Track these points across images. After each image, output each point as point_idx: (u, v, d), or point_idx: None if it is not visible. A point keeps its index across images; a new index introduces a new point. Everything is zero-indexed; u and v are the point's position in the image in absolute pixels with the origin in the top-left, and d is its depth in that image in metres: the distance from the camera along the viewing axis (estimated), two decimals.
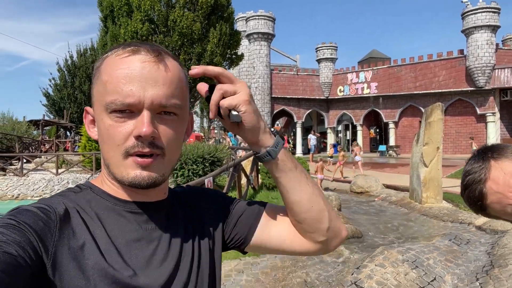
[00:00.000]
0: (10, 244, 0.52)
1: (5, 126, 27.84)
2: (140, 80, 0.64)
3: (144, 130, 0.63)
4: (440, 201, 8.41)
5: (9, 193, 14.76)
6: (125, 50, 0.66)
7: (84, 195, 0.70)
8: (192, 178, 9.48)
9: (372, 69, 29.02)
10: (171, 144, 0.68)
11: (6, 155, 18.52)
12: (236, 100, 0.69)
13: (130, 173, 0.66)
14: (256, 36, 28.29)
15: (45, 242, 0.58)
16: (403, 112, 28.41)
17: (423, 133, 8.54)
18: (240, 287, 4.29)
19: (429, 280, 4.22)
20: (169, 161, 0.69)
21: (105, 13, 16.94)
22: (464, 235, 5.84)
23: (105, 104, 0.65)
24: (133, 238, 0.68)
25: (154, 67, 0.65)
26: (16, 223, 0.57)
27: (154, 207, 0.74)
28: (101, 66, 0.68)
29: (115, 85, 0.64)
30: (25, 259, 0.53)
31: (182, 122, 0.71)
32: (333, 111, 32.34)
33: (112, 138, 0.65)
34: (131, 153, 0.65)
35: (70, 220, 0.64)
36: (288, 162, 0.77)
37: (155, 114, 0.66)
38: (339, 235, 0.84)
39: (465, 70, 24.43)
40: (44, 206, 0.62)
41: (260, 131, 0.73)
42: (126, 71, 0.64)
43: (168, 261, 0.70)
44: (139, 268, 0.66)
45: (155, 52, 0.67)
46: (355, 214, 8.38)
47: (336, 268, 4.78)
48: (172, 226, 0.75)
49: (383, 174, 14.73)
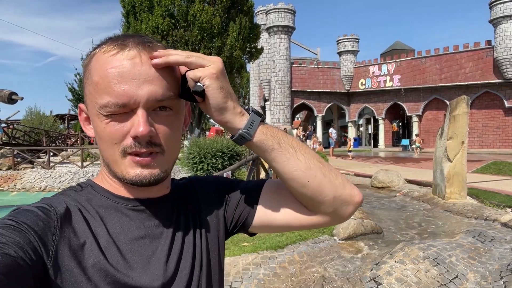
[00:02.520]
0: (9, 245, 0.52)
1: (32, 120, 28.77)
2: (132, 78, 0.62)
3: (141, 130, 0.61)
4: (464, 197, 8.18)
5: (36, 185, 15.31)
6: (112, 46, 0.64)
7: (85, 193, 0.70)
8: (212, 172, 9.57)
9: (395, 61, 28.37)
10: (169, 140, 0.67)
11: (34, 148, 19.18)
12: (202, 72, 0.64)
13: (130, 172, 0.65)
14: (276, 29, 28.10)
15: (45, 242, 0.57)
16: (427, 105, 27.71)
17: (447, 127, 8.31)
18: (258, 280, 4.31)
19: (451, 278, 4.12)
20: (169, 156, 0.68)
21: (127, 8, 17.17)
22: (489, 232, 5.66)
23: (98, 106, 0.63)
24: (135, 236, 0.68)
25: (145, 63, 0.63)
26: (16, 224, 0.56)
27: (156, 203, 0.73)
28: (90, 64, 0.66)
29: (106, 85, 0.62)
30: (25, 260, 0.52)
31: (178, 115, 0.69)
32: (354, 105, 31.88)
33: (109, 137, 0.64)
34: (129, 152, 0.64)
35: (71, 219, 0.63)
36: (268, 141, 0.70)
37: (150, 111, 0.64)
38: (351, 202, 0.76)
39: (492, 61, 23.57)
40: (44, 206, 0.62)
41: (228, 112, 0.67)
42: (116, 70, 0.62)
43: (171, 259, 0.69)
44: (140, 267, 0.65)
45: (146, 44, 0.65)
46: (375, 209, 8.26)
47: (354, 264, 4.73)
48: (174, 221, 0.74)
49: (405, 169, 14.44)
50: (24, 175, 16.07)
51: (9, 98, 18.04)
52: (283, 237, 5.59)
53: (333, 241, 5.62)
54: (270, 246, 5.22)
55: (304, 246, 5.32)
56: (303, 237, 5.60)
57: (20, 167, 17.19)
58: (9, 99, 18.06)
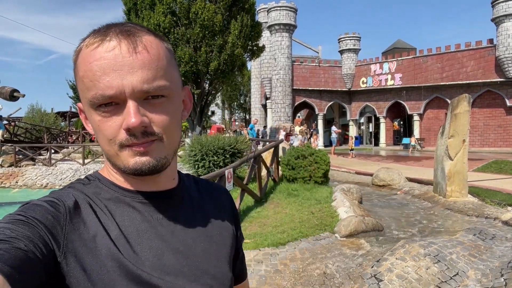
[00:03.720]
0: (20, 240, 0.52)
1: (34, 117, 28.83)
2: (115, 69, 0.60)
3: (133, 122, 0.60)
4: (465, 195, 8.19)
5: (38, 182, 15.35)
6: (94, 39, 0.62)
7: (93, 186, 0.69)
8: (213, 169, 9.59)
9: (397, 59, 28.32)
10: (166, 127, 0.65)
11: (36, 146, 19.20)
12: None
13: (130, 161, 0.63)
14: (277, 28, 28.05)
15: (55, 235, 0.57)
16: (429, 104, 27.66)
17: (448, 125, 8.31)
18: (260, 277, 4.33)
19: (451, 275, 4.14)
20: (169, 143, 0.66)
21: (128, 6, 17.15)
22: (490, 230, 5.68)
23: (88, 100, 0.62)
24: (144, 228, 0.67)
25: (128, 52, 0.61)
26: (25, 219, 0.56)
27: (164, 196, 0.73)
28: (77, 60, 0.64)
29: (91, 79, 0.61)
30: (36, 254, 0.52)
31: (173, 102, 0.67)
32: (355, 103, 31.84)
33: (103, 133, 0.63)
34: (126, 145, 0.63)
35: (80, 211, 0.63)
36: None
37: (141, 101, 0.62)
38: None
39: (494, 60, 23.50)
40: (53, 199, 0.62)
41: None
42: (98, 62, 0.60)
43: (180, 252, 0.69)
44: (151, 259, 0.65)
45: (126, 33, 0.62)
46: (376, 207, 8.28)
47: (355, 260, 4.75)
48: (183, 215, 0.74)
49: (406, 167, 14.44)
50: (26, 172, 16.11)
51: (10, 95, 18.07)
52: (285, 234, 5.61)
53: (334, 238, 5.64)
54: (271, 243, 5.24)
55: (305, 243, 5.34)
56: (305, 234, 5.62)
57: (22, 164, 17.24)
58: (10, 96, 18.09)
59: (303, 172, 9.20)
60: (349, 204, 6.91)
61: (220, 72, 16.69)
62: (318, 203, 7.39)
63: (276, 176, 9.94)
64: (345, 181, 11.60)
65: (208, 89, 18.32)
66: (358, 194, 8.19)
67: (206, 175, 6.74)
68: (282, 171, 10.00)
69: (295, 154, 9.59)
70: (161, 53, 0.65)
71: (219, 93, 24.10)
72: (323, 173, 9.25)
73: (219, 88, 19.42)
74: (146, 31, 0.66)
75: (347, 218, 6.06)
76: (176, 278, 0.66)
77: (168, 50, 0.68)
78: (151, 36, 0.66)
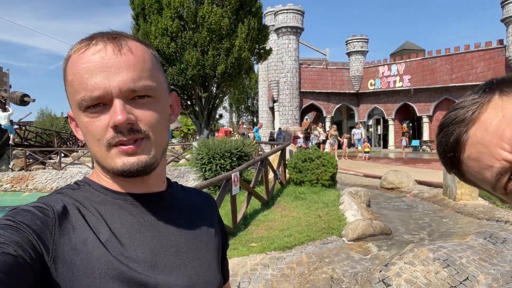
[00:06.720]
0: (9, 245, 0.52)
1: (44, 122, 29.20)
2: (102, 71, 0.62)
3: (119, 118, 0.61)
4: (475, 198, 8.07)
5: (48, 185, 15.54)
6: (81, 45, 0.65)
7: (82, 191, 0.70)
8: (220, 172, 9.60)
9: (405, 61, 28.13)
10: (153, 125, 0.66)
11: (46, 150, 19.45)
12: None
13: (117, 162, 0.64)
14: (284, 30, 28.08)
15: (44, 240, 0.58)
16: (438, 105, 27.37)
17: None
18: (266, 281, 4.31)
19: (461, 279, 4.07)
20: (157, 142, 0.67)
21: (136, 11, 17.31)
22: (501, 234, 5.58)
23: (77, 103, 0.64)
24: (136, 230, 0.68)
25: (114, 53, 0.63)
26: (14, 224, 0.56)
27: (155, 198, 0.73)
28: (66, 67, 0.67)
29: (79, 81, 0.63)
30: (25, 259, 0.53)
31: (160, 103, 0.68)
32: (363, 105, 31.68)
33: (92, 134, 0.65)
34: (113, 144, 0.64)
35: (69, 216, 0.63)
36: None
37: (128, 100, 0.64)
38: None
39: (504, 61, 23.21)
40: (41, 205, 0.62)
41: None
42: (86, 65, 0.63)
43: (172, 253, 0.70)
44: (143, 260, 0.65)
45: (111, 38, 0.65)
46: (384, 210, 8.20)
47: (363, 264, 4.70)
48: (175, 217, 0.75)
49: (415, 170, 14.29)
50: (36, 176, 16.31)
51: (21, 100, 18.29)
52: (291, 238, 5.57)
53: (341, 242, 5.59)
54: (278, 247, 5.21)
55: (312, 246, 5.30)
56: (312, 238, 5.58)
57: (32, 168, 17.45)
58: (21, 101, 18.32)
59: (310, 175, 9.15)
60: (356, 207, 6.85)
61: (227, 76, 16.73)
62: (326, 206, 7.34)
63: (283, 179, 9.90)
64: (353, 184, 11.51)
65: (216, 93, 18.37)
66: (366, 197, 8.12)
67: (212, 178, 6.74)
68: (289, 174, 9.96)
69: (302, 157, 9.55)
70: (146, 56, 0.68)
71: (226, 96, 24.13)
72: (331, 176, 9.19)
73: (226, 91, 19.45)
74: (132, 37, 0.69)
75: (355, 222, 6.01)
76: (169, 278, 0.67)
77: (154, 55, 0.70)
78: (136, 42, 0.68)
